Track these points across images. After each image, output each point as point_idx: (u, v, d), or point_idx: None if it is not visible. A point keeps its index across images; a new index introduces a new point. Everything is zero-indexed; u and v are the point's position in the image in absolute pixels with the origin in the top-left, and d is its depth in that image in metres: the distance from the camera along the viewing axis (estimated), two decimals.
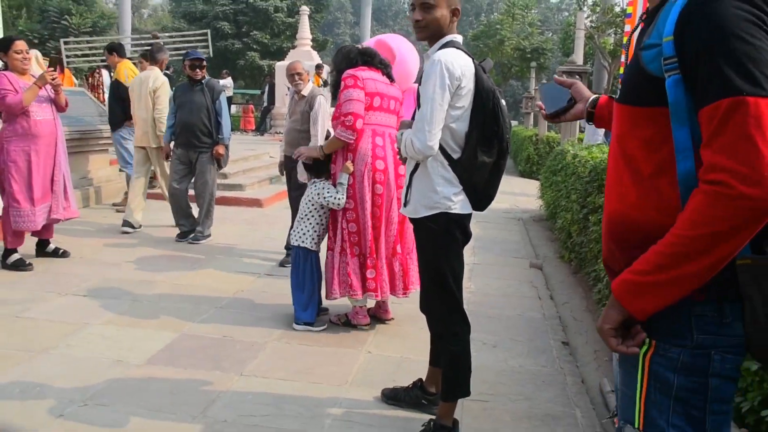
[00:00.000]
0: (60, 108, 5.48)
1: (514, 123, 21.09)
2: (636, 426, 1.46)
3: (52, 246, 5.73)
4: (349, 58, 4.17)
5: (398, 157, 2.93)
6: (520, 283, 5.67)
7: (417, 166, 2.75)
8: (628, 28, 9.32)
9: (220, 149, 6.47)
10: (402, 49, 4.98)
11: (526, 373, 3.70)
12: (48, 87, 5.31)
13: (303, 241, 4.20)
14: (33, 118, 5.22)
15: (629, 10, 9.42)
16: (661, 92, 1.34)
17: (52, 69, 5.33)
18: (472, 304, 4.89)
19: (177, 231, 6.72)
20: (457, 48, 2.67)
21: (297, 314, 4.22)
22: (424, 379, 3.21)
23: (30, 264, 5.34)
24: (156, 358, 3.66)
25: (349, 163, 4.06)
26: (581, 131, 11.29)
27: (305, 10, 18.81)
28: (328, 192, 4.07)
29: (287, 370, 3.58)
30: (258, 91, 27.30)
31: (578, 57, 12.98)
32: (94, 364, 3.52)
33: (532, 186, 11.59)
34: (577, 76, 9.70)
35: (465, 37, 44.27)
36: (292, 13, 31.41)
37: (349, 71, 4.06)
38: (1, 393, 3.15)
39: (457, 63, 2.60)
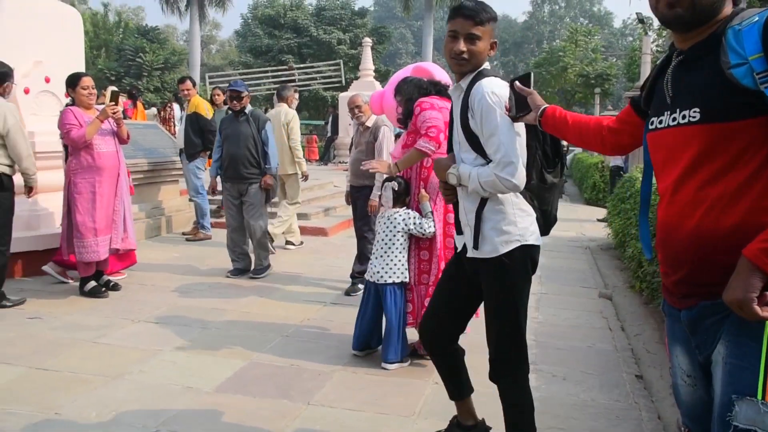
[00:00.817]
0: (122, 140, 5.66)
1: (578, 150, 20.70)
2: (760, 397, 1.51)
3: (105, 278, 5.70)
4: (422, 88, 4.19)
5: (445, 199, 2.75)
6: (589, 313, 5.52)
7: (483, 201, 2.58)
8: None
9: (268, 179, 6.36)
10: (440, 76, 4.96)
11: (599, 407, 3.58)
12: (110, 120, 5.49)
13: (398, 276, 4.04)
14: (97, 151, 5.39)
15: None
16: (755, 103, 1.53)
17: (113, 103, 5.46)
18: (541, 335, 4.80)
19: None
20: (492, 75, 2.56)
21: (392, 354, 4.05)
22: (458, 416, 3.03)
23: (106, 291, 5.52)
24: (225, 385, 3.71)
25: (424, 192, 4.06)
26: None
27: (368, 41, 19.14)
28: (426, 221, 4.01)
29: (354, 400, 3.57)
30: (322, 122, 27.79)
31: None
32: (166, 390, 3.60)
33: (599, 214, 11.34)
34: None
35: (526, 65, 44.22)
36: (355, 45, 32.02)
37: (425, 98, 4.08)
38: (80, 416, 3.25)
39: (503, 90, 2.49)
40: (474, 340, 4.52)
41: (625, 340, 4.80)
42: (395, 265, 4.06)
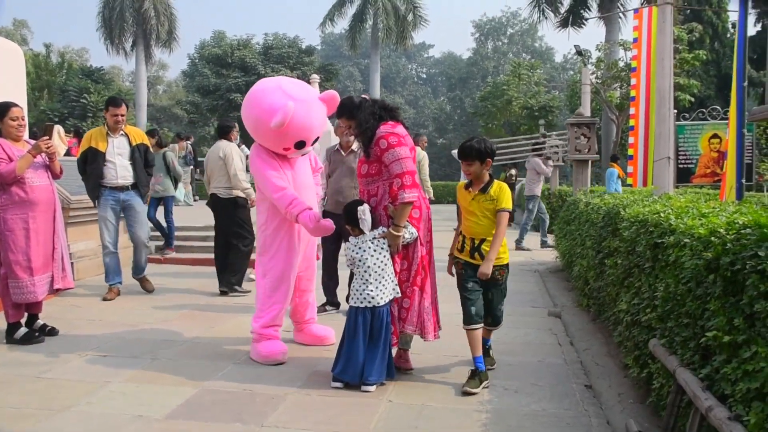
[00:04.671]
0: (55, 175, 5.33)
1: (523, 180, 20.95)
2: None
3: (39, 322, 5.33)
4: (375, 114, 4.14)
5: None
6: (539, 331, 5.61)
7: None
8: (634, 81, 9.45)
9: None
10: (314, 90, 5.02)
11: (550, 416, 3.64)
12: (43, 154, 5.16)
13: (392, 293, 4.06)
14: (29, 185, 5.05)
15: (634, 64, 9.56)
16: None
17: (47, 137, 5.17)
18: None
19: (196, 293, 6.76)
20: None
21: (378, 374, 4.02)
22: None
23: (41, 336, 5.14)
24: (176, 412, 3.64)
25: (391, 206, 4.12)
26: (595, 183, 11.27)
27: (315, 78, 19.28)
28: (405, 230, 4.07)
29: (308, 420, 3.54)
30: None
31: (586, 110, 13.12)
32: (115, 420, 3.51)
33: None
34: (585, 128, 9.83)
35: (473, 100, 45.17)
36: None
37: (388, 130, 4.07)
38: None
39: None
40: (430, 359, 4.56)
41: (574, 354, 4.89)
42: (389, 283, 4.06)
